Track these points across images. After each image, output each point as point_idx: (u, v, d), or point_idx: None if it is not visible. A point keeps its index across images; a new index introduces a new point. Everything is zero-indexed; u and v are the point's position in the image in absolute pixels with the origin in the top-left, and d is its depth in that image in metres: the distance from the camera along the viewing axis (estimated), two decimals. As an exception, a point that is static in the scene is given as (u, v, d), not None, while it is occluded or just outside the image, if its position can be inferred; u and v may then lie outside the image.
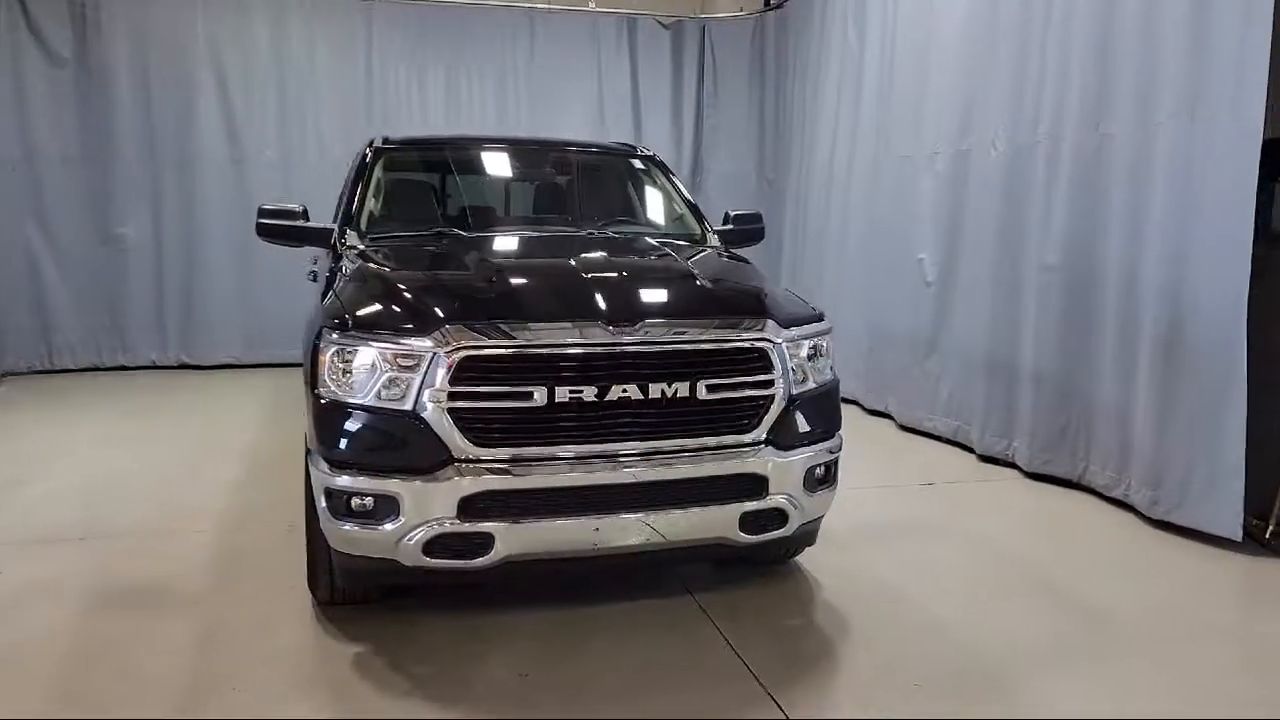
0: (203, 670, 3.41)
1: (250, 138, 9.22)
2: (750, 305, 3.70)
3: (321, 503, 3.45)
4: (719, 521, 3.54)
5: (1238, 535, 4.56)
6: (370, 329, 3.42)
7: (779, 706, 3.20)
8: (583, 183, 5.21)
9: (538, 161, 5.36)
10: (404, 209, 4.86)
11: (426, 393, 3.30)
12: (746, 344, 3.54)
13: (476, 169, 5.24)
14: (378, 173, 4.72)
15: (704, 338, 3.49)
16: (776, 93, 9.50)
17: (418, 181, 5.06)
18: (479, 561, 3.37)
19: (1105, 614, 3.98)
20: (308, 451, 3.62)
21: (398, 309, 3.52)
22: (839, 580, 4.28)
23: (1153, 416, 4.93)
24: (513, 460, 3.34)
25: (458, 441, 3.31)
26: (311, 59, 9.26)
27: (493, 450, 3.33)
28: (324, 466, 3.42)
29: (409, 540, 3.33)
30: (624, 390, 3.37)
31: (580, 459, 3.38)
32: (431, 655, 3.55)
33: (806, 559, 4.43)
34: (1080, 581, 4.31)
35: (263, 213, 4.75)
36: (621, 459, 3.41)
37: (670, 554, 3.63)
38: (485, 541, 3.35)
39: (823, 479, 3.78)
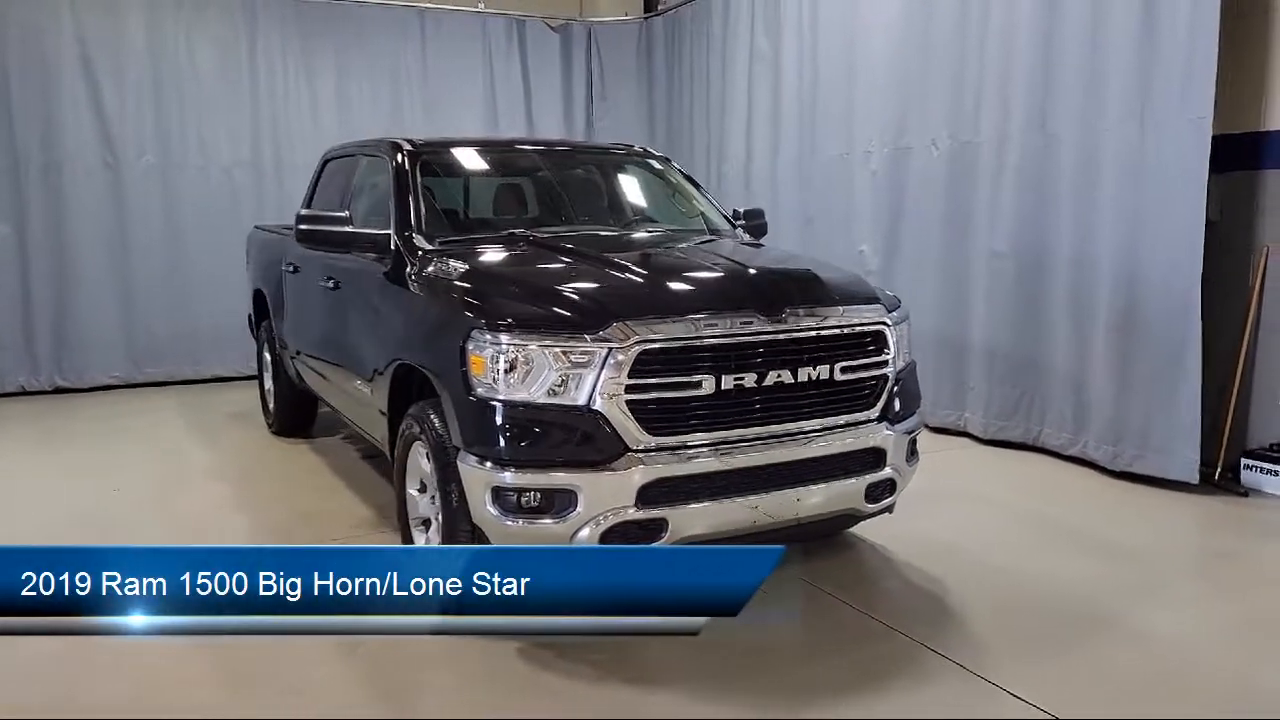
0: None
1: (126, 141, 8.56)
2: (864, 291, 4.04)
3: (487, 501, 3.48)
4: (851, 493, 3.85)
5: (1195, 479, 5.33)
6: (537, 328, 3.49)
7: (942, 655, 3.54)
8: (613, 183, 5.35)
9: (569, 163, 5.44)
10: (457, 212, 4.83)
11: (602, 386, 3.42)
12: (871, 327, 3.86)
13: (513, 171, 5.26)
14: (418, 177, 4.66)
15: (841, 322, 3.78)
16: (669, 96, 9.85)
17: (459, 184, 5.03)
18: (653, 546, 3.52)
19: (1130, 551, 4.61)
20: (436, 450, 3.66)
21: (559, 308, 3.60)
22: (896, 544, 4.66)
23: (1113, 382, 5.66)
24: (684, 446, 3.51)
25: (633, 432, 3.44)
26: (191, 58, 8.72)
27: (666, 438, 3.49)
28: (486, 465, 3.46)
29: (586, 531, 3.43)
30: (779, 375, 3.61)
31: (744, 441, 3.59)
32: (603, 644, 3.64)
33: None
34: (1087, 526, 4.95)
35: (302, 219, 4.62)
36: (776, 440, 3.65)
37: (809, 527, 3.90)
38: (660, 526, 3.49)
39: (912, 450, 4.16)
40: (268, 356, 6.94)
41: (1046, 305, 6.03)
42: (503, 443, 3.48)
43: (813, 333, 3.69)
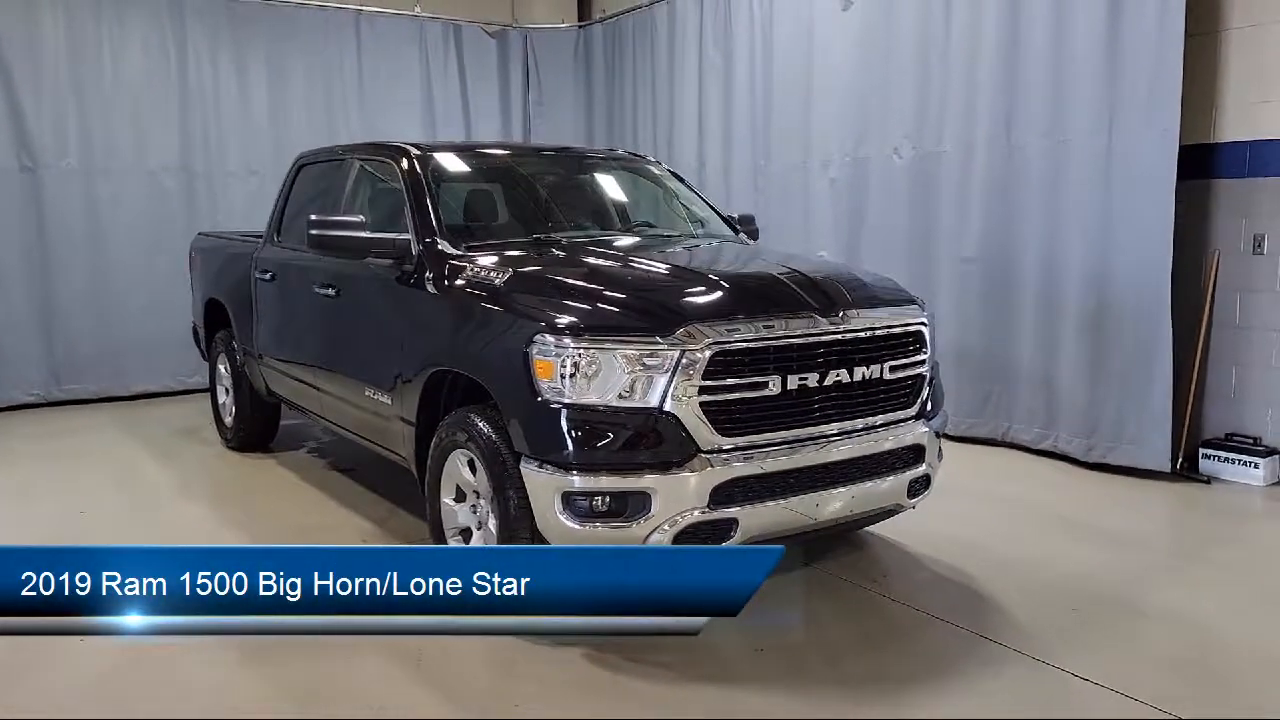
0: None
1: (45, 143, 8.05)
2: (903, 293, 4.15)
3: (556, 507, 3.43)
4: (897, 489, 3.95)
5: (1167, 467, 5.65)
6: (608, 331, 3.47)
7: (998, 643, 3.66)
8: (618, 188, 5.34)
9: (575, 169, 5.39)
10: (475, 218, 4.73)
11: (675, 388, 3.42)
12: (913, 327, 3.97)
13: (522, 176, 5.18)
14: (433, 181, 4.57)
15: (890, 322, 3.88)
16: (610, 103, 9.87)
17: (470, 189, 4.92)
18: (722, 546, 3.53)
19: (1126, 537, 4.85)
20: (489, 457, 3.62)
21: (627, 311, 3.58)
22: (906, 539, 4.78)
23: (1086, 379, 5.95)
24: (753, 447, 3.54)
25: (705, 433, 3.45)
26: (115, 57, 8.28)
27: (737, 439, 3.51)
28: (555, 470, 3.43)
29: (660, 533, 3.42)
30: (837, 374, 3.68)
31: (805, 440, 3.64)
32: (665, 646, 3.63)
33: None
34: (1076, 515, 5.20)
35: (314, 224, 4.45)
36: (833, 438, 3.71)
37: (856, 522, 3.98)
38: (730, 526, 3.52)
39: (940, 446, 4.29)
40: (222, 369, 6.63)
41: (1016, 308, 6.29)
42: (573, 447, 3.43)
43: (867, 333, 3.77)
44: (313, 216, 4.53)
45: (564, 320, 3.51)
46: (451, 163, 4.93)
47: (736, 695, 3.32)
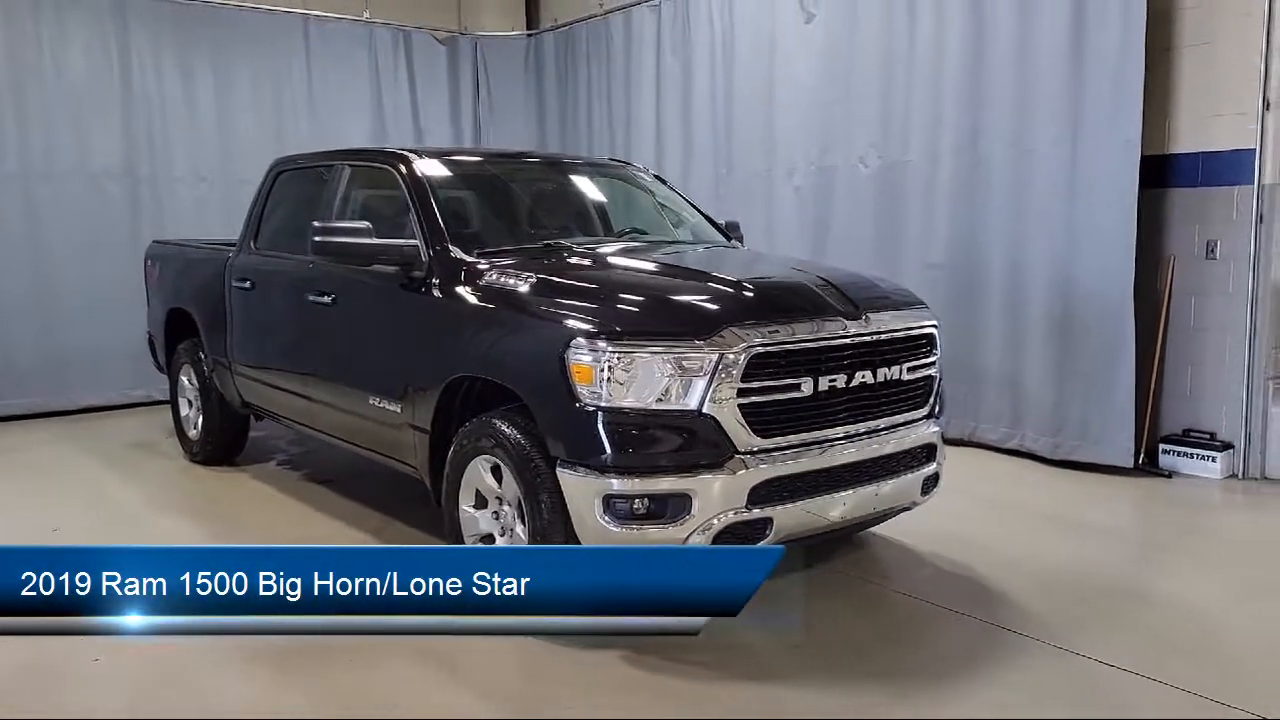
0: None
1: (-19, 147, 7.74)
2: (911, 296, 4.28)
3: (596, 510, 3.45)
4: (913, 487, 4.07)
5: (1130, 463, 5.91)
6: (646, 335, 3.50)
7: (1018, 633, 3.79)
8: (613, 196, 5.37)
9: (570, 176, 5.39)
10: (480, 224, 4.71)
11: (714, 391, 3.46)
12: (927, 329, 4.09)
13: (523, 183, 5.16)
14: (434, 190, 4.53)
15: (909, 324, 3.99)
16: (563, 111, 9.87)
17: (471, 196, 4.89)
18: (756, 546, 3.59)
19: (1105, 530, 5.10)
20: (519, 462, 3.63)
21: (664, 315, 3.62)
22: (900, 536, 4.90)
23: (1051, 380, 6.20)
24: (787, 447, 3.61)
25: (742, 434, 3.51)
26: (56, 60, 7.97)
27: (772, 439, 3.58)
28: (595, 474, 3.45)
29: (699, 534, 3.46)
30: (863, 375, 3.78)
31: (833, 441, 3.73)
32: (697, 645, 3.65)
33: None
34: (1054, 509, 5.44)
35: (319, 230, 4.38)
36: (861, 438, 3.81)
37: (873, 520, 4.08)
38: (765, 525, 3.58)
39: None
40: (185, 381, 6.44)
41: (983, 312, 6.52)
42: (614, 450, 3.45)
43: (888, 335, 3.88)
44: (316, 223, 4.44)
45: (602, 324, 3.54)
46: (452, 169, 4.90)
47: (779, 692, 3.38)
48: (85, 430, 7.52)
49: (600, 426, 3.46)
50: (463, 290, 4.11)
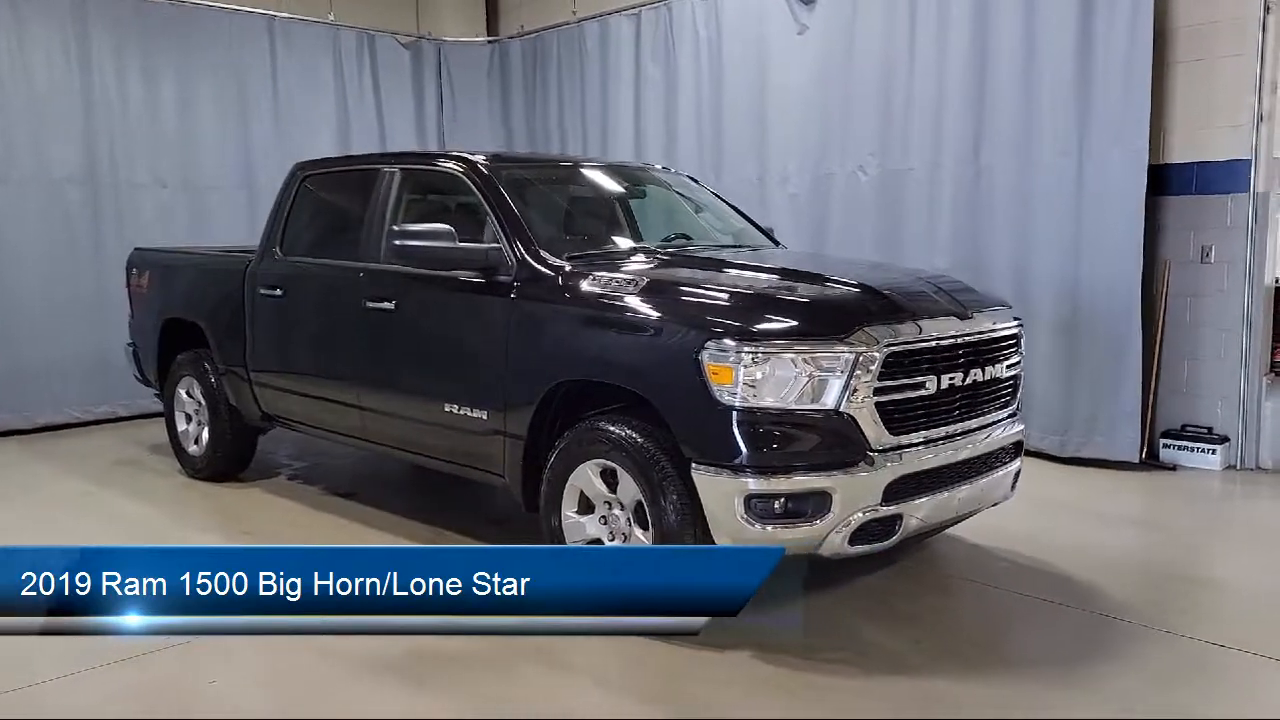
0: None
1: (-66, 151, 7.20)
2: (999, 298, 4.39)
3: (737, 510, 3.46)
4: (1006, 481, 4.19)
5: (1137, 459, 6.20)
6: (784, 335, 3.51)
7: (1127, 621, 3.91)
8: (669, 202, 5.36)
9: (627, 183, 5.34)
10: (562, 229, 4.65)
11: (851, 389, 3.50)
12: (1017, 329, 4.22)
13: (589, 188, 5.10)
14: (513, 194, 4.45)
15: (1004, 324, 4.11)
16: (529, 118, 9.77)
17: (548, 201, 4.80)
18: (887, 542, 3.65)
19: (1143, 521, 5.35)
20: (642, 465, 3.61)
21: (799, 315, 3.64)
22: (961, 533, 4.96)
23: (1059, 379, 6.44)
24: (915, 444, 3.67)
25: (877, 432, 3.55)
26: (13, 61, 7.49)
27: (904, 436, 3.63)
28: (734, 474, 3.47)
29: (838, 531, 3.49)
30: (974, 373, 3.87)
31: (956, 436, 3.82)
32: (823, 644, 3.69)
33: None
34: (1086, 504, 5.64)
35: (398, 234, 4.24)
36: (972, 434, 3.91)
37: (972, 514, 4.17)
38: (896, 521, 3.64)
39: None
40: (184, 393, 6.11)
41: (988, 316, 6.73)
42: (753, 450, 3.46)
43: (990, 334, 3.99)
44: (395, 227, 4.31)
45: (740, 325, 3.53)
46: (522, 173, 4.81)
47: (936, 686, 3.41)
48: (53, 449, 7.08)
49: (740, 427, 3.46)
50: (564, 294, 4.04)
